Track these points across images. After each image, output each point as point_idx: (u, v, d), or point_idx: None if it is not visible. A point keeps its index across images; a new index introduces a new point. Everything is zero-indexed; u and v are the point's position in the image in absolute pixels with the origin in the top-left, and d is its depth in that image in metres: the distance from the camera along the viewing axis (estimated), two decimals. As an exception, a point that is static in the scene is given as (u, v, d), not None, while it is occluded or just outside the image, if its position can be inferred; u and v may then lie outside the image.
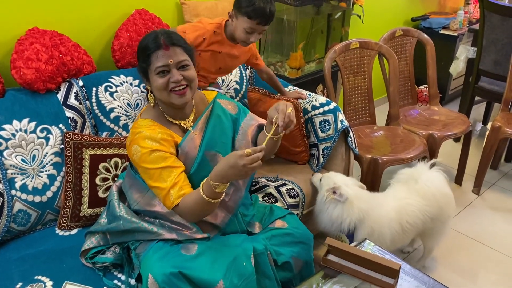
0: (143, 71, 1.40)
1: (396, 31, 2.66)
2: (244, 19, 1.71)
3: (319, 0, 2.48)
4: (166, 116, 1.45)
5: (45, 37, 1.79)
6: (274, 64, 2.71)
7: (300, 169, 2.11)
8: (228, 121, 1.54)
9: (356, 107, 2.53)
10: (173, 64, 1.35)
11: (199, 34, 1.81)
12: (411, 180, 1.88)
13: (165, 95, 1.38)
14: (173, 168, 1.37)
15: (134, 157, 1.38)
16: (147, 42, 1.36)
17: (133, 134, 1.40)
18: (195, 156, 1.44)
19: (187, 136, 1.45)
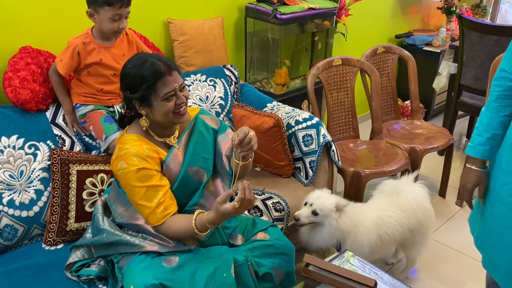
0: (143, 99, 1.41)
1: (378, 48, 2.74)
2: (105, 9, 1.68)
3: (303, 19, 2.55)
4: (153, 135, 1.50)
5: (40, 58, 1.85)
6: (260, 81, 2.78)
7: (286, 182, 2.15)
8: (210, 136, 1.59)
9: (340, 122, 2.59)
10: (177, 87, 1.41)
11: (71, 51, 1.75)
12: (394, 193, 1.93)
13: (170, 117, 1.43)
14: (159, 187, 1.42)
15: (119, 173, 1.42)
16: (145, 72, 1.37)
17: (120, 150, 1.43)
18: (178, 172, 1.49)
19: (171, 152, 1.50)
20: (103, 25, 1.73)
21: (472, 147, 1.46)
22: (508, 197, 1.35)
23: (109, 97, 1.90)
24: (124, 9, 1.72)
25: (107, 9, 1.68)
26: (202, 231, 1.40)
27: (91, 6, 1.71)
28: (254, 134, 1.43)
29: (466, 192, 1.50)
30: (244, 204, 1.33)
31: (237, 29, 2.67)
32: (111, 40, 1.82)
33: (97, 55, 1.79)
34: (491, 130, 1.42)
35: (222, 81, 2.36)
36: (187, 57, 2.32)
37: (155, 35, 2.30)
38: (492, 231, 1.44)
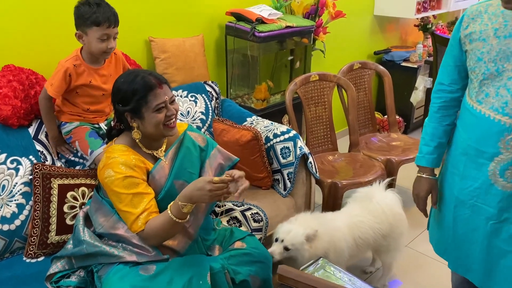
0: (134, 111, 1.47)
1: (354, 64, 2.85)
2: (94, 29, 1.72)
3: (281, 37, 2.65)
4: (141, 146, 1.56)
5: (22, 75, 1.90)
6: (241, 96, 2.85)
7: (265, 194, 2.21)
8: (196, 153, 1.66)
9: (318, 135, 2.67)
10: (168, 100, 1.48)
11: (63, 74, 1.78)
12: (366, 199, 2.01)
13: (161, 129, 1.49)
14: (144, 195, 1.47)
15: (106, 181, 1.47)
16: (136, 85, 1.44)
17: (108, 158, 1.49)
18: (163, 183, 1.55)
19: (158, 164, 1.56)
20: (92, 45, 1.77)
21: (421, 157, 1.56)
22: (470, 200, 1.43)
23: (94, 116, 1.95)
24: (112, 29, 1.77)
25: (95, 29, 1.73)
26: (177, 215, 1.40)
27: (79, 28, 1.76)
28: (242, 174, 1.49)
29: (420, 201, 1.58)
30: (218, 187, 1.36)
31: (218, 46, 2.76)
32: (100, 62, 1.88)
33: (87, 77, 1.85)
34: (437, 139, 1.52)
35: (203, 97, 2.43)
36: (169, 74, 2.39)
37: (137, 53, 2.37)
38: (458, 235, 1.51)
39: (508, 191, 1.34)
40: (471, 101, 1.40)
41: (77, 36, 1.78)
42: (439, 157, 1.55)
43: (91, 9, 1.71)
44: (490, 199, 1.38)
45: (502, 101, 1.29)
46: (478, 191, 1.41)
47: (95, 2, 1.73)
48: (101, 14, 1.72)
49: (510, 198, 1.35)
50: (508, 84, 1.28)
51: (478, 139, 1.37)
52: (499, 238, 1.40)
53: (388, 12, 3.73)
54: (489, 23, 1.33)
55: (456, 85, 1.50)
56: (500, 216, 1.38)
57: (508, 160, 1.32)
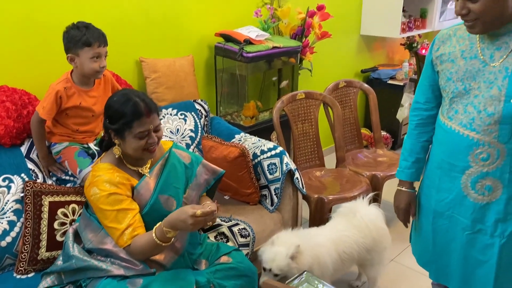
0: (118, 131, 1.53)
1: (340, 82, 2.94)
2: (85, 50, 1.80)
3: (268, 57, 2.74)
4: (126, 163, 1.62)
5: (15, 96, 1.96)
6: (231, 114, 2.93)
7: (252, 209, 2.26)
8: (181, 169, 1.72)
9: (305, 152, 2.74)
10: (152, 128, 1.54)
11: (54, 96, 1.84)
12: (350, 214, 2.06)
13: (139, 153, 1.56)
14: (128, 211, 1.52)
15: (92, 198, 1.53)
16: (126, 109, 1.50)
17: (93, 177, 1.55)
18: (148, 198, 1.60)
19: (142, 180, 1.61)
20: (85, 66, 1.84)
21: (400, 171, 1.64)
22: (446, 211, 1.50)
23: (83, 136, 2.01)
24: (102, 48, 1.85)
25: (87, 50, 1.81)
26: (161, 239, 1.46)
27: (71, 51, 1.83)
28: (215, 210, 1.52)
29: (400, 212, 1.66)
30: (199, 221, 1.42)
31: (208, 66, 2.85)
32: (90, 84, 1.95)
33: (77, 98, 1.91)
34: (414, 155, 1.61)
35: (193, 115, 2.50)
36: (159, 93, 2.47)
37: (128, 73, 2.44)
38: (438, 245, 1.57)
39: (480, 203, 1.41)
40: (443, 118, 1.47)
41: (69, 59, 1.85)
42: (417, 172, 1.63)
43: (81, 32, 1.80)
44: (464, 210, 1.45)
45: (469, 117, 1.37)
46: (453, 203, 1.47)
47: (83, 25, 1.82)
48: (91, 35, 1.80)
49: (482, 210, 1.42)
50: (475, 101, 1.36)
51: (450, 153, 1.44)
52: (474, 248, 1.46)
53: (374, 32, 3.85)
54: (457, 45, 1.42)
55: (431, 103, 1.58)
56: (474, 227, 1.44)
57: (477, 173, 1.39)
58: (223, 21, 2.83)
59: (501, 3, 1.24)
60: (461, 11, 1.28)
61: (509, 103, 1.29)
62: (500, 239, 1.41)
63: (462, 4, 1.27)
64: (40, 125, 1.91)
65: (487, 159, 1.36)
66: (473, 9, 1.26)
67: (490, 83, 1.33)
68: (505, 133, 1.32)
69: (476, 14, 1.26)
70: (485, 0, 1.23)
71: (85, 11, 2.22)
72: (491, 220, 1.41)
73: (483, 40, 1.36)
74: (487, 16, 1.26)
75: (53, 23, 2.08)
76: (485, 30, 1.31)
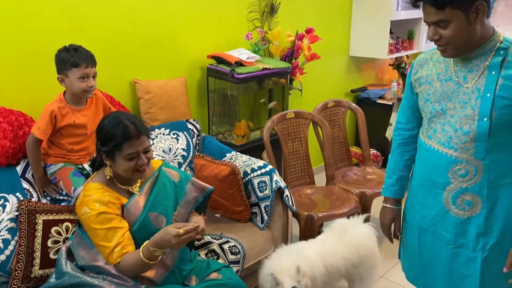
0: (108, 153, 1.59)
1: (328, 102, 3.03)
2: (74, 71, 1.89)
3: (259, 78, 2.82)
4: (116, 183, 1.67)
5: (12, 117, 2.02)
6: (222, 133, 2.99)
7: (243, 227, 2.31)
8: (171, 187, 1.77)
9: (295, 170, 2.80)
10: (142, 150, 1.60)
11: (49, 116, 1.92)
12: (341, 230, 2.12)
13: (130, 173, 1.61)
14: (118, 229, 1.57)
15: (83, 217, 1.58)
16: (116, 131, 1.56)
17: (84, 196, 1.60)
18: (138, 216, 1.65)
19: (132, 198, 1.66)
20: (74, 86, 1.93)
21: (385, 188, 1.70)
22: (430, 227, 1.56)
23: (78, 157, 2.07)
24: (90, 69, 1.94)
25: (75, 70, 1.90)
26: (149, 257, 1.51)
27: (61, 72, 1.93)
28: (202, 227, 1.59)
29: (385, 228, 1.71)
30: (183, 239, 1.48)
31: (200, 87, 2.93)
32: (82, 103, 2.03)
33: (71, 117, 1.99)
34: (398, 173, 1.68)
35: (185, 134, 2.56)
36: (152, 113, 2.53)
37: (122, 94, 2.51)
38: (424, 260, 1.62)
39: (461, 217, 1.47)
40: (423, 137, 1.55)
41: (59, 80, 1.94)
42: (400, 189, 1.70)
43: (70, 54, 1.90)
44: (447, 225, 1.51)
45: (447, 136, 1.45)
46: (436, 218, 1.53)
47: (73, 48, 1.92)
48: (79, 57, 1.90)
49: (463, 225, 1.48)
50: (451, 121, 1.44)
51: (431, 170, 1.51)
52: (458, 263, 1.52)
53: (363, 53, 3.97)
54: (434, 68, 1.50)
55: (412, 123, 1.66)
56: (456, 241, 1.50)
57: (457, 188, 1.45)
58: (215, 43, 2.93)
59: (469, 29, 1.32)
60: (433, 37, 1.37)
61: (482, 121, 1.36)
62: (482, 252, 1.46)
63: (434, 30, 1.36)
64: (35, 146, 1.97)
65: (465, 175, 1.43)
66: (444, 35, 1.34)
67: (464, 103, 1.40)
68: (480, 150, 1.39)
69: (447, 39, 1.34)
70: (454, 27, 1.32)
71: (80, 35, 2.30)
72: (472, 234, 1.47)
73: (457, 63, 1.44)
74: (457, 41, 1.34)
75: (48, 47, 2.16)
76: (457, 54, 1.40)
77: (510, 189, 1.42)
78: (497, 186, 1.41)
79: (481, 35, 1.35)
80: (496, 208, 1.43)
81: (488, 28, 1.37)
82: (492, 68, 1.36)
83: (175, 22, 2.69)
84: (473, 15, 1.30)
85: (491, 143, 1.38)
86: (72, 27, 2.28)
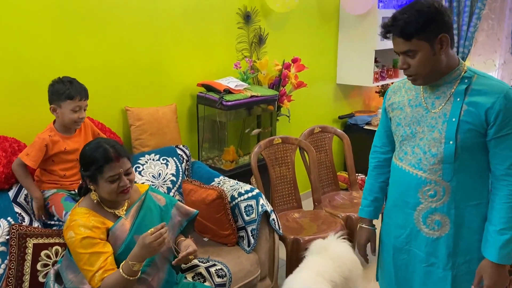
0: (91, 177, 1.67)
1: (315, 128, 3.12)
2: (67, 103, 1.98)
3: (247, 105, 2.92)
4: (103, 206, 1.73)
5: (6, 143, 2.10)
6: (212, 158, 3.07)
7: (230, 250, 2.35)
8: (157, 211, 1.83)
9: (283, 194, 2.86)
10: (122, 172, 1.67)
11: (40, 145, 2.01)
12: (323, 250, 2.16)
13: (114, 196, 1.68)
14: (101, 254, 1.62)
15: (69, 241, 1.63)
16: (97, 155, 1.64)
17: (70, 221, 1.66)
18: (124, 238, 1.70)
19: (118, 221, 1.72)
20: (65, 117, 2.02)
21: (361, 209, 1.78)
22: (405, 246, 1.63)
23: (70, 182, 2.14)
24: (83, 102, 2.04)
25: (68, 102, 2.00)
26: (128, 273, 1.56)
27: (53, 102, 2.02)
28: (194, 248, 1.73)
29: (360, 248, 1.78)
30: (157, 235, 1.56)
31: (190, 113, 3.02)
32: (72, 131, 2.12)
33: (62, 144, 2.07)
34: (373, 194, 1.76)
35: (174, 160, 2.64)
36: (143, 139, 2.61)
37: (113, 121, 2.60)
38: (400, 280, 1.68)
39: (431, 237, 1.54)
40: (395, 159, 1.64)
41: (52, 109, 2.04)
42: (375, 210, 1.77)
43: (65, 86, 1.99)
44: (419, 244, 1.58)
45: (417, 158, 1.54)
46: (409, 238, 1.61)
47: (68, 80, 2.02)
48: (73, 90, 2.00)
49: (434, 244, 1.55)
50: (421, 144, 1.53)
51: (403, 191, 1.59)
52: (430, 281, 1.58)
53: (349, 81, 4.10)
54: (405, 95, 1.61)
55: (386, 147, 1.75)
56: (428, 260, 1.57)
57: (427, 208, 1.53)
58: (205, 72, 3.04)
59: (434, 59, 1.43)
60: (402, 65, 1.47)
61: (448, 144, 1.46)
62: (452, 271, 1.53)
63: (403, 59, 1.47)
64: (22, 168, 2.03)
65: (434, 196, 1.51)
66: (412, 63, 1.45)
67: (432, 127, 1.50)
68: (448, 172, 1.48)
69: (415, 68, 1.45)
70: (420, 57, 1.42)
71: (74, 64, 2.40)
72: (442, 253, 1.53)
73: (426, 90, 1.55)
74: (423, 70, 1.45)
75: (41, 77, 2.26)
76: (425, 82, 1.50)
77: (475, 211, 1.50)
78: (463, 207, 1.49)
79: (446, 64, 1.46)
80: (463, 228, 1.51)
81: (453, 58, 1.48)
82: (457, 95, 1.46)
83: (166, 52, 2.81)
84: (437, 46, 1.41)
85: (458, 165, 1.46)
86: (65, 58, 2.38)
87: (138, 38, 2.66)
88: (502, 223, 1.42)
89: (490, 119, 1.40)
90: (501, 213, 1.42)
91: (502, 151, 1.42)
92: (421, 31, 1.38)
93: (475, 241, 1.50)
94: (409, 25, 1.38)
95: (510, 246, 1.42)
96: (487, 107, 1.40)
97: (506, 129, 1.39)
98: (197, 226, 2.44)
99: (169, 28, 2.79)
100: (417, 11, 1.38)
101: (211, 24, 3.02)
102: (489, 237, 1.45)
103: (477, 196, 1.49)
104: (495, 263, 1.43)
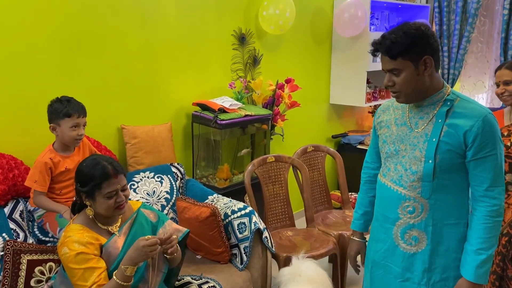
0: (88, 193, 1.70)
1: (308, 147, 3.17)
2: (66, 120, 2.03)
3: (241, 124, 2.98)
4: (97, 222, 1.76)
5: (3, 161, 2.13)
6: (206, 176, 3.11)
7: (222, 268, 2.37)
8: (148, 227, 1.86)
9: (276, 212, 2.89)
10: (120, 188, 1.71)
11: (44, 169, 2.05)
12: (296, 276, 2.17)
13: (111, 211, 1.71)
14: (95, 269, 1.64)
15: (63, 257, 1.65)
16: (95, 172, 1.67)
17: (64, 237, 1.68)
18: (116, 255, 1.72)
19: (111, 238, 1.74)
20: (65, 135, 2.07)
21: (352, 222, 1.85)
22: (381, 261, 1.68)
23: (66, 199, 2.17)
24: (81, 119, 2.09)
25: (67, 120, 2.05)
26: (122, 278, 1.59)
27: (53, 121, 2.07)
28: (176, 238, 1.74)
29: (350, 259, 1.83)
30: (153, 242, 1.60)
31: (185, 132, 3.07)
32: (71, 150, 2.16)
33: (63, 164, 2.12)
34: (363, 208, 1.81)
35: (169, 177, 2.67)
36: (138, 157, 2.65)
37: (109, 139, 2.64)
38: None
39: (408, 252, 1.59)
40: (380, 175, 1.70)
41: (51, 128, 2.08)
42: (365, 223, 1.84)
43: (63, 105, 2.05)
44: (396, 259, 1.63)
45: (398, 174, 1.59)
46: (387, 253, 1.65)
47: (66, 99, 2.08)
48: (71, 108, 2.06)
49: (410, 259, 1.59)
50: (403, 161, 1.59)
51: (385, 206, 1.65)
52: None
53: (342, 101, 4.18)
54: (393, 114, 1.67)
55: (376, 163, 1.81)
56: (403, 275, 1.61)
57: (405, 224, 1.58)
58: (200, 92, 3.11)
59: (417, 79, 1.49)
60: (388, 82, 1.54)
61: (428, 163, 1.51)
62: (426, 287, 1.56)
63: (389, 77, 1.53)
64: (41, 198, 2.09)
65: (413, 212, 1.56)
66: (396, 81, 1.51)
67: (414, 146, 1.56)
68: (426, 190, 1.53)
69: (399, 85, 1.51)
70: (404, 76, 1.49)
71: (71, 84, 2.46)
72: (418, 269, 1.58)
73: (411, 110, 1.61)
74: (407, 88, 1.51)
75: (39, 95, 2.32)
76: (407, 100, 1.56)
77: (454, 230, 1.54)
78: (441, 225, 1.54)
79: (430, 86, 1.52)
80: (440, 246, 1.55)
81: (437, 81, 1.54)
82: (439, 116, 1.52)
83: (162, 71, 2.88)
84: (421, 67, 1.48)
85: (436, 184, 1.52)
86: (63, 77, 2.44)
87: (134, 58, 2.73)
88: (479, 243, 1.46)
89: (468, 141, 1.46)
90: (478, 233, 1.47)
91: (480, 173, 1.47)
92: (406, 52, 1.45)
93: (452, 260, 1.55)
94: (395, 45, 1.45)
95: (487, 266, 1.46)
96: (466, 129, 1.45)
97: (484, 152, 1.45)
98: (190, 244, 2.47)
99: (165, 48, 2.87)
100: (404, 33, 1.45)
101: (207, 45, 3.10)
102: (467, 256, 1.49)
103: (455, 215, 1.54)
104: (471, 282, 1.47)
